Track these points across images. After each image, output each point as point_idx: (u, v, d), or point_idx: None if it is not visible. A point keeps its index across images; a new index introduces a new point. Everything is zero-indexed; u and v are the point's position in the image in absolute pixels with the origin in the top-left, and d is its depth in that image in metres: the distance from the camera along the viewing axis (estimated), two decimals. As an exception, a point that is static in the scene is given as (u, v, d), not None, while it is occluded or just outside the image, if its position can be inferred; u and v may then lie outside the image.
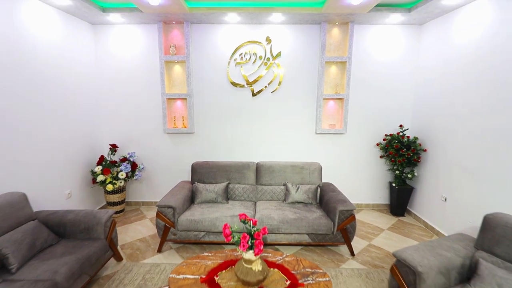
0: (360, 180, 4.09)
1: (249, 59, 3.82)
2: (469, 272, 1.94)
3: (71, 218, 2.50)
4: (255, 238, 1.71)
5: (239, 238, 1.72)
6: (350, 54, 3.69)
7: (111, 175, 3.62)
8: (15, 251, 2.03)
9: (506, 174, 2.45)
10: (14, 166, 2.60)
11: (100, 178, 3.55)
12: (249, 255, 1.71)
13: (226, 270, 1.91)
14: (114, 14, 3.39)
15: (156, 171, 4.11)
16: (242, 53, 3.81)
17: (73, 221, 2.48)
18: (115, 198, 3.77)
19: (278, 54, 3.80)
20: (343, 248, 3.06)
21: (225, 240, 1.78)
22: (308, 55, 3.79)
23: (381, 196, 4.13)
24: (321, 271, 1.93)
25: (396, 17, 3.43)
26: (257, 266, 1.74)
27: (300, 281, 1.81)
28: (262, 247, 1.70)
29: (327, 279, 1.85)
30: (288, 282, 1.79)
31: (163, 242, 2.94)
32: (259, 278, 1.72)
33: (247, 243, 1.69)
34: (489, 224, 2.03)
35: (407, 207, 3.95)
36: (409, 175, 3.71)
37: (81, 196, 3.58)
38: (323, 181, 3.93)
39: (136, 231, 3.43)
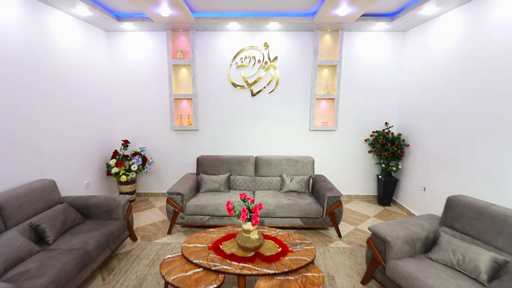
0: (350, 173, 4.47)
1: (249, 62, 4.21)
2: (432, 243, 2.32)
3: (94, 201, 2.89)
4: (252, 212, 2.09)
5: (239, 211, 2.10)
6: (340, 58, 4.07)
7: (124, 167, 4.01)
8: (51, 226, 2.42)
9: (473, 165, 2.82)
10: (43, 157, 2.99)
11: (115, 170, 3.94)
12: (248, 225, 2.10)
13: (229, 240, 2.30)
14: (127, 23, 3.79)
15: (164, 165, 4.50)
16: (242, 57, 4.20)
17: (96, 204, 2.87)
18: (127, 188, 4.16)
19: (275, 58, 4.19)
20: (332, 231, 3.44)
21: (228, 213, 2.17)
22: (302, 59, 4.17)
23: (370, 188, 4.51)
24: (307, 241, 2.31)
25: (381, 25, 3.81)
26: (254, 235, 2.12)
27: (290, 249, 2.19)
28: (258, 219, 2.08)
29: (312, 247, 2.23)
30: (280, 249, 2.17)
31: (172, 225, 3.33)
32: (256, 245, 2.10)
33: (246, 215, 2.07)
34: (450, 204, 2.41)
35: (393, 198, 4.33)
36: (394, 168, 4.09)
37: (97, 186, 3.97)
38: (316, 173, 4.32)
39: (147, 218, 3.81)
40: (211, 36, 4.13)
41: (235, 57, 4.18)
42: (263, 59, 4.19)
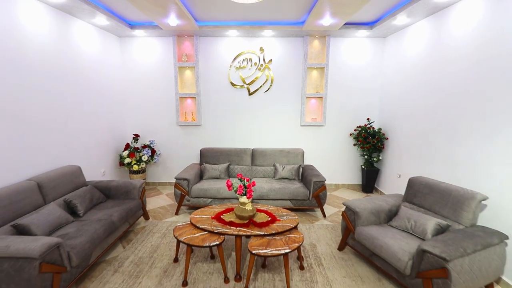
0: (337, 164, 4.98)
1: (246, 65, 4.71)
2: (395, 215, 2.82)
3: (114, 184, 3.39)
4: (247, 188, 2.60)
5: (237, 187, 2.61)
6: (327, 61, 4.58)
7: (135, 158, 4.52)
8: (81, 202, 2.92)
9: (435, 154, 3.33)
10: (70, 148, 3.49)
11: (127, 160, 4.44)
12: (243, 199, 2.60)
13: (228, 213, 2.80)
14: (139, 30, 4.29)
15: (170, 156, 5.01)
16: (240, 60, 4.70)
17: (116, 186, 3.38)
18: (137, 177, 4.66)
19: (270, 61, 4.69)
20: (318, 213, 3.95)
21: (228, 189, 2.67)
22: (294, 61, 4.67)
23: (355, 177, 5.02)
24: (292, 213, 2.82)
25: (363, 32, 4.31)
26: (249, 207, 2.63)
27: (277, 218, 2.69)
28: (252, 194, 2.58)
29: (296, 217, 2.73)
30: (269, 218, 2.67)
31: (179, 207, 3.84)
32: (250, 214, 2.60)
33: (242, 190, 2.57)
34: (411, 184, 2.92)
35: (375, 185, 4.84)
36: (375, 159, 4.59)
37: (112, 174, 4.48)
38: (306, 164, 4.82)
39: (156, 202, 4.32)
40: (212, 41, 4.63)
41: (234, 60, 4.68)
42: (259, 61, 4.70)
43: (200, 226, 2.54)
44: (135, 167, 4.44)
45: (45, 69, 3.08)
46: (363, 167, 4.74)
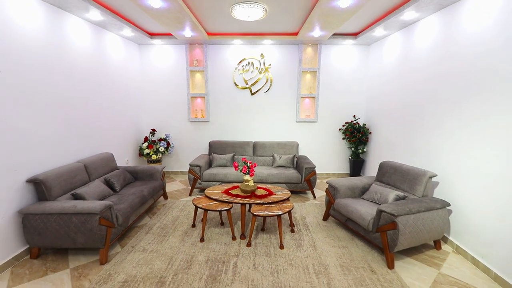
0: (329, 156, 5.69)
1: (249, 68, 5.42)
2: (367, 191, 3.53)
3: (140, 168, 4.13)
4: (250, 168, 3.32)
5: (242, 167, 3.33)
6: (319, 66, 5.29)
7: (153, 149, 5.25)
8: (117, 181, 3.65)
9: (406, 144, 4.03)
10: (104, 139, 4.22)
11: (146, 151, 5.18)
12: (247, 176, 3.32)
13: (235, 189, 3.52)
14: (157, 39, 5.02)
15: (182, 149, 5.74)
16: (243, 64, 5.42)
17: (142, 170, 4.11)
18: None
19: (269, 65, 5.40)
20: (309, 195, 4.66)
21: (234, 169, 3.39)
22: (290, 66, 5.38)
23: (343, 167, 5.73)
24: (286, 190, 3.54)
25: (349, 41, 5.02)
26: (251, 183, 3.35)
27: (273, 192, 3.41)
28: (253, 173, 3.30)
29: (288, 192, 3.45)
30: (267, 193, 3.39)
31: (192, 189, 4.57)
32: (252, 189, 3.32)
33: (246, 170, 3.29)
34: (381, 166, 3.63)
35: (360, 174, 5.54)
36: (360, 151, 5.30)
37: (133, 163, 5.21)
38: (300, 154, 5.54)
39: (172, 187, 5.05)
40: (220, 48, 5.35)
41: (238, 64, 5.40)
42: (260, 66, 5.41)
43: (213, 197, 3.26)
44: (154, 157, 5.17)
45: (86, 75, 3.82)
46: (350, 158, 5.45)
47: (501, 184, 2.46)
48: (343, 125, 5.49)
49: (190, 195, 4.59)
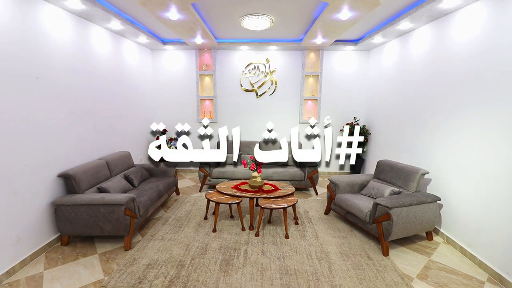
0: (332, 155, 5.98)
1: (255, 72, 5.74)
2: (365, 187, 3.82)
3: (155, 166, 4.45)
4: (258, 165, 3.63)
5: (250, 165, 3.64)
6: (321, 70, 5.59)
7: (164, 148, 5.57)
8: (136, 177, 3.98)
9: (403, 144, 4.32)
10: (122, 138, 4.55)
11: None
12: (255, 173, 3.63)
13: (244, 185, 3.83)
14: (169, 45, 5.34)
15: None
16: (250, 69, 5.73)
17: (157, 168, 4.43)
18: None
19: (274, 70, 5.71)
20: (312, 192, 4.96)
21: (243, 166, 3.70)
22: (294, 70, 5.69)
23: (345, 166, 6.02)
24: (290, 185, 3.84)
25: (350, 47, 5.32)
26: (259, 179, 3.65)
27: (279, 188, 3.72)
28: (261, 169, 3.61)
29: (293, 188, 3.75)
30: (273, 188, 3.70)
31: (202, 185, 4.88)
32: (260, 184, 3.63)
33: (254, 167, 3.61)
34: (378, 164, 3.93)
35: (360, 173, 5.83)
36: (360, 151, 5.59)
37: (146, 161, 5.54)
38: (304, 154, 5.84)
39: (182, 184, 5.37)
40: (227, 54, 5.67)
41: (245, 68, 5.71)
42: (265, 70, 5.72)
43: (224, 192, 3.57)
44: (165, 155, 5.49)
45: (106, 79, 4.15)
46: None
47: (483, 180, 2.75)
48: (344, 126, 5.77)
49: (200, 191, 4.91)
